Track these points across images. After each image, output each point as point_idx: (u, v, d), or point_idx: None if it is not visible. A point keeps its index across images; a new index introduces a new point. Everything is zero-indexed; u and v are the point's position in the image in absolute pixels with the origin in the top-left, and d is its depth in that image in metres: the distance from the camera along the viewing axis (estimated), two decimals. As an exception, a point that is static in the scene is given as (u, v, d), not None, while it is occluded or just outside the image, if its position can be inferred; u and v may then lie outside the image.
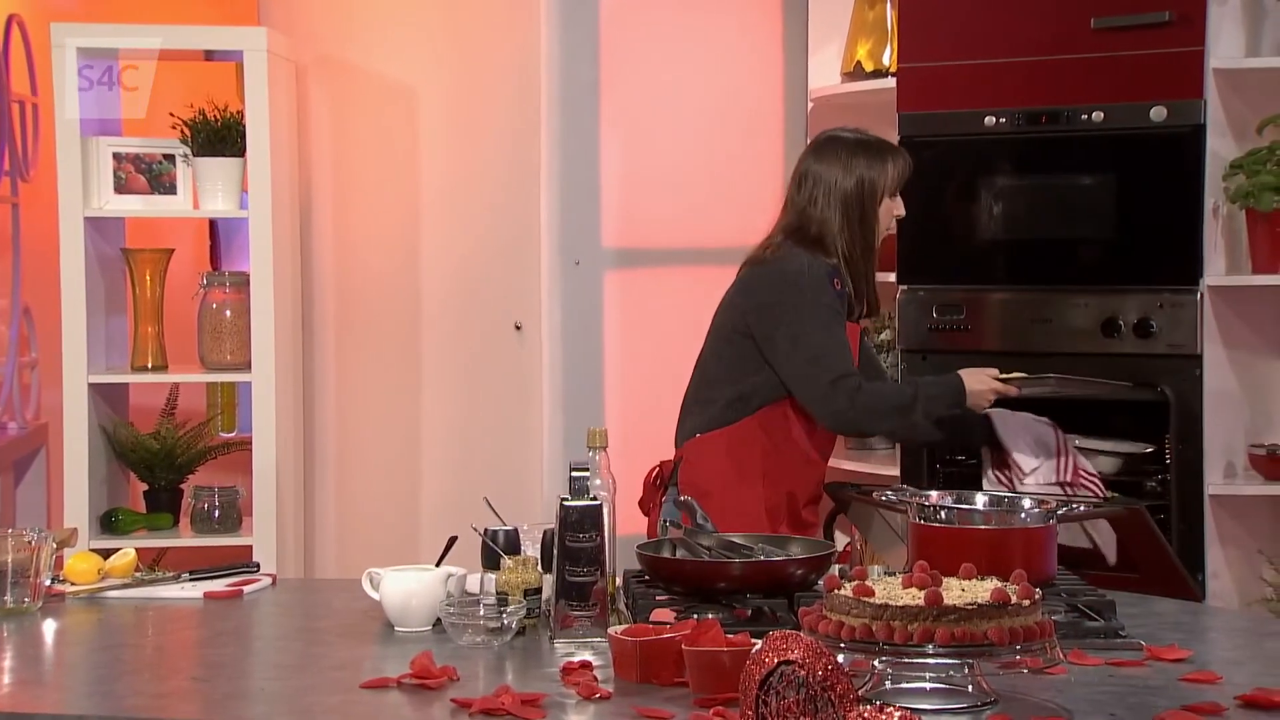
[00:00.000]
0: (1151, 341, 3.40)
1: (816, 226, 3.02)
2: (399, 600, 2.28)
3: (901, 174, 3.06)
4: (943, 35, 3.63)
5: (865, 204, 3.03)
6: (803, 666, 1.66)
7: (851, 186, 3.02)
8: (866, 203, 3.03)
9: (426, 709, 1.89)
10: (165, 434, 3.83)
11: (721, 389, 3.03)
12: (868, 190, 3.02)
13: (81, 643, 2.31)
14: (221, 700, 1.98)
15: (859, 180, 3.03)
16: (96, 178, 3.71)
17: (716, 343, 3.08)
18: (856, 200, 3.02)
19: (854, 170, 3.03)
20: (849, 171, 3.03)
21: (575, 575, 2.19)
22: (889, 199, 3.05)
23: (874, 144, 3.08)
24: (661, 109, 4.01)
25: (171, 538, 3.79)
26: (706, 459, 3.00)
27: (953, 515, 2.40)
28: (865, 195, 3.03)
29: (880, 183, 3.03)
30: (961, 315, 3.62)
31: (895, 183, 3.05)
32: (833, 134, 3.10)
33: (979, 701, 1.85)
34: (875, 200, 3.03)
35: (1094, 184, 3.52)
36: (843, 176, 3.03)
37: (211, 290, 3.76)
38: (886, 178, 3.03)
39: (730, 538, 2.50)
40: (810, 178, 3.05)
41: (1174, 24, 3.33)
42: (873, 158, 3.05)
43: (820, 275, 2.97)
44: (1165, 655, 2.08)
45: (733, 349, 3.03)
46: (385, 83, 4.02)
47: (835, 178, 3.03)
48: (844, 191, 3.02)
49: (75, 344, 3.66)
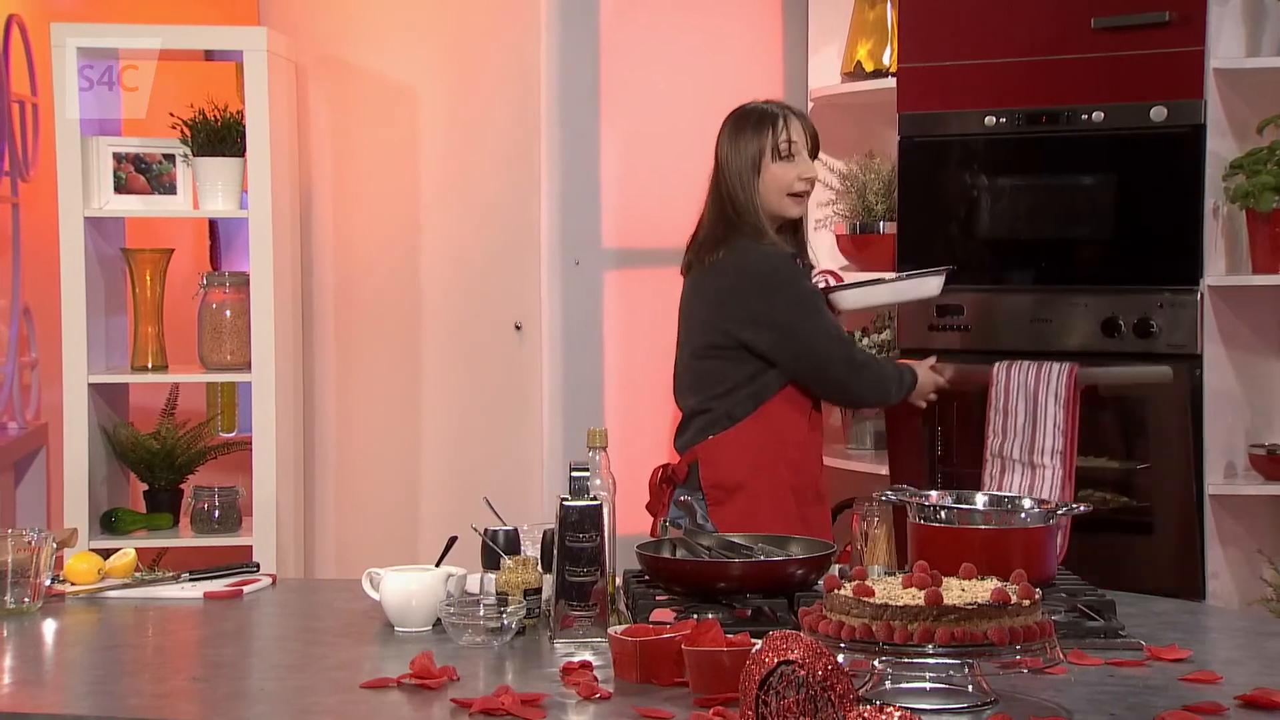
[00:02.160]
0: (1152, 341, 3.40)
1: (738, 213, 3.04)
2: (399, 600, 2.28)
3: (790, 136, 3.05)
4: (943, 35, 3.63)
5: (750, 175, 3.04)
6: (803, 666, 1.66)
7: (743, 162, 3.04)
8: (751, 173, 3.04)
9: (426, 709, 1.89)
10: (165, 434, 3.83)
11: (722, 395, 3.04)
12: (754, 161, 3.04)
13: (81, 643, 2.31)
14: (221, 700, 1.98)
15: (741, 153, 3.04)
16: (96, 178, 3.71)
17: (703, 349, 3.08)
18: (752, 173, 3.04)
19: (739, 144, 3.06)
20: (736, 148, 3.06)
21: (575, 575, 2.19)
22: (777, 163, 3.04)
23: (756, 112, 3.09)
24: (662, 109, 4.01)
25: (171, 538, 3.79)
26: (727, 455, 3.02)
27: (953, 515, 2.40)
28: (748, 167, 3.04)
29: (763, 147, 3.03)
30: (962, 315, 3.62)
31: (784, 146, 3.05)
32: (731, 114, 3.12)
33: (979, 701, 1.85)
34: (756, 170, 3.03)
35: (1094, 184, 3.52)
36: (734, 155, 3.06)
37: (211, 290, 3.76)
38: (766, 142, 3.03)
39: (730, 538, 2.50)
40: (718, 165, 3.09)
41: (1174, 24, 3.33)
42: (756, 126, 3.06)
43: (786, 263, 3.02)
44: (1165, 655, 2.08)
45: (724, 357, 3.04)
46: (385, 83, 4.02)
47: (729, 157, 3.06)
48: (738, 169, 3.05)
49: (75, 344, 3.66)
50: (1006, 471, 3.37)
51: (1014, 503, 2.58)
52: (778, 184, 3.05)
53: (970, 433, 3.69)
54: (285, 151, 3.86)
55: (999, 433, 3.39)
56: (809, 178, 3.08)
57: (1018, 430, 3.37)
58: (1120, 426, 3.50)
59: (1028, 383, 3.35)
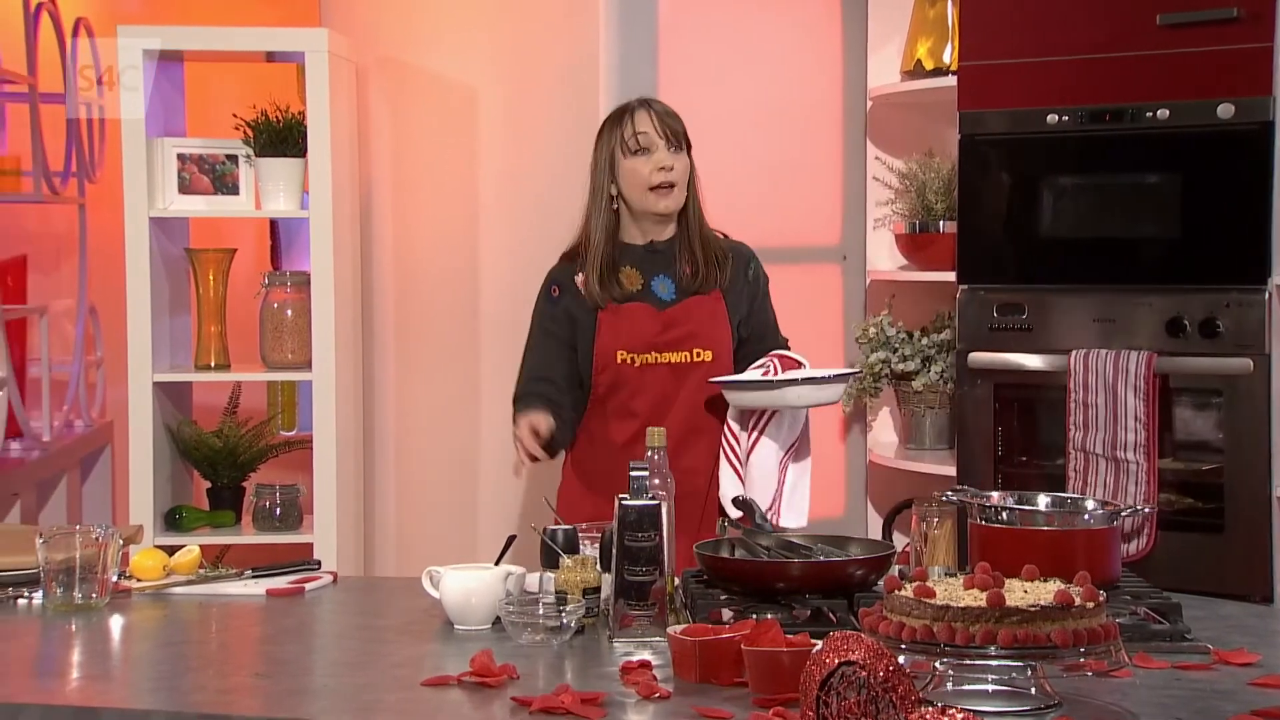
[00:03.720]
0: (1218, 342, 3.36)
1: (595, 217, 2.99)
2: (459, 599, 2.29)
3: (638, 128, 2.95)
4: (1004, 32, 3.60)
5: (604, 177, 2.97)
6: (864, 667, 1.66)
7: (602, 163, 2.98)
8: (605, 175, 2.96)
9: (487, 707, 1.90)
10: (228, 432, 3.87)
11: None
12: (609, 160, 2.97)
13: (147, 638, 2.34)
14: (284, 697, 1.99)
15: (600, 154, 2.98)
16: (161, 179, 3.75)
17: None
18: (601, 177, 2.97)
19: (599, 146, 2.99)
20: (597, 151, 2.99)
21: (634, 575, 2.20)
22: (628, 158, 2.95)
23: (613, 111, 3.02)
24: (720, 109, 4.00)
25: (234, 535, 3.83)
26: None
27: (1014, 516, 2.38)
28: (604, 169, 2.98)
29: (614, 144, 2.95)
30: (1023, 315, 3.59)
31: (632, 140, 2.95)
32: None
33: (1042, 704, 1.83)
34: (610, 170, 2.96)
35: (1159, 182, 3.48)
36: (595, 159, 2.99)
37: (273, 290, 3.80)
38: (616, 139, 2.95)
39: (789, 538, 2.49)
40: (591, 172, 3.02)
41: (1241, 20, 3.29)
42: (610, 125, 2.99)
43: (544, 285, 3.04)
44: (1233, 659, 2.05)
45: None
46: (445, 83, 4.03)
47: (593, 162, 3.00)
48: (598, 170, 2.98)
49: (140, 343, 3.71)
50: (1091, 467, 3.34)
51: (1077, 504, 2.56)
52: (635, 179, 2.95)
53: (1031, 432, 3.67)
54: (346, 152, 3.89)
55: (1079, 426, 3.36)
56: (664, 167, 2.94)
57: (1099, 424, 3.34)
58: (1190, 425, 3.46)
59: (1105, 373, 3.32)
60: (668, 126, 2.98)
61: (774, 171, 4.07)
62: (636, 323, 2.97)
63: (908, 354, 3.99)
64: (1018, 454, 3.65)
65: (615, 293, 2.97)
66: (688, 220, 3.03)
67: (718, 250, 3.04)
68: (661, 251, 3.02)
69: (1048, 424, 3.60)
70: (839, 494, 4.22)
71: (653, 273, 3.00)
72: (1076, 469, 3.40)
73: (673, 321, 2.99)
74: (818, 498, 4.18)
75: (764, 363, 2.99)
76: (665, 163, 2.95)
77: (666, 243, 3.03)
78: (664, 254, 3.02)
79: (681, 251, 3.02)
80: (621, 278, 2.98)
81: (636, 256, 3.01)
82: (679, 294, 3.00)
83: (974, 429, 3.65)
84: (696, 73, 3.96)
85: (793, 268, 4.14)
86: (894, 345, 4.01)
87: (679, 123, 3.01)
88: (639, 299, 2.98)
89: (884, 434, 4.24)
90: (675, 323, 2.99)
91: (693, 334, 2.99)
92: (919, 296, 4.12)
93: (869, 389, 4.07)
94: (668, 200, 2.97)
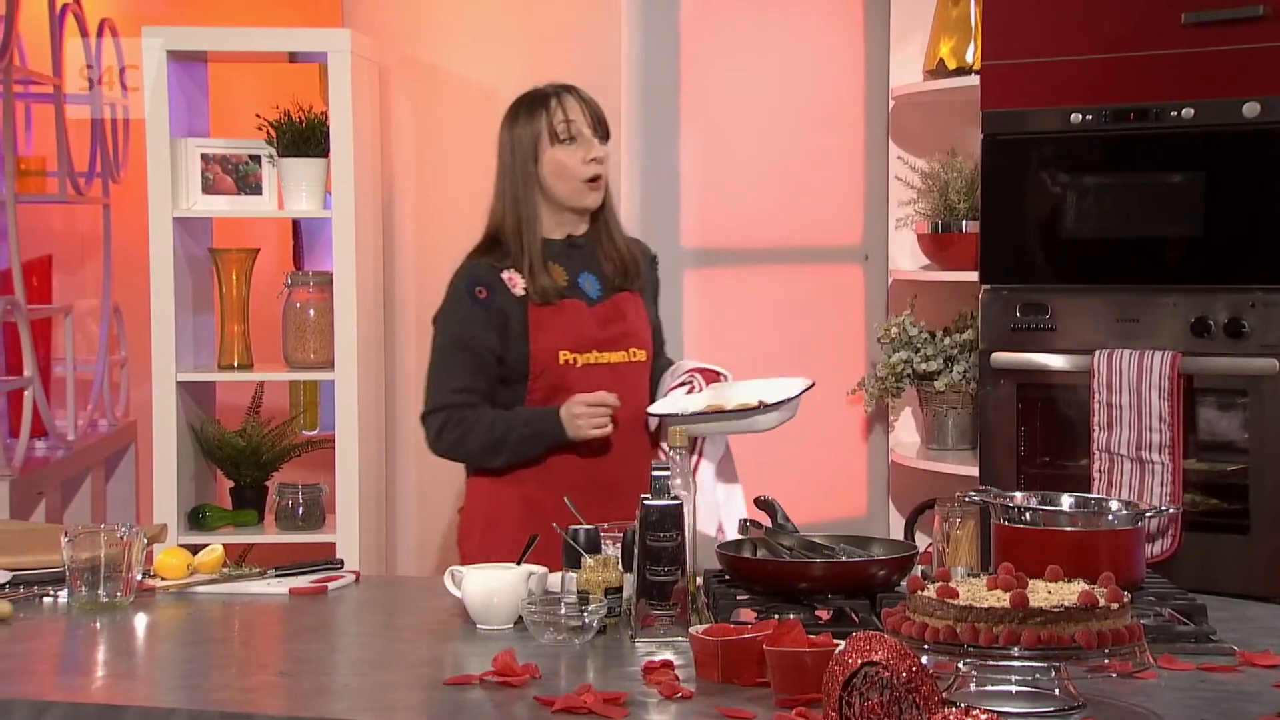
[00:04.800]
0: (1243, 342, 3.34)
1: (493, 221, 2.80)
2: (481, 598, 2.29)
3: (567, 115, 2.78)
4: (1028, 31, 3.59)
5: (527, 165, 2.77)
6: (887, 668, 1.65)
7: (523, 152, 2.78)
8: (529, 163, 2.77)
9: (509, 706, 1.90)
10: (251, 431, 3.88)
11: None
12: (532, 149, 2.78)
13: (171, 637, 2.35)
14: (307, 695, 2.00)
15: (519, 143, 2.78)
16: (185, 179, 3.76)
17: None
18: (522, 165, 2.78)
19: (515, 134, 2.79)
20: (513, 139, 2.79)
21: (656, 574, 2.19)
22: (556, 146, 2.77)
23: (529, 95, 2.82)
24: (742, 108, 4.00)
25: (257, 534, 3.84)
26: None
27: (1038, 517, 2.37)
28: (526, 156, 2.78)
29: (539, 131, 2.76)
30: (1046, 315, 3.58)
31: (561, 127, 2.77)
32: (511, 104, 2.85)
33: (1066, 705, 1.82)
34: (534, 158, 2.77)
35: (1183, 182, 3.46)
36: (511, 147, 2.79)
37: (295, 289, 3.81)
38: (542, 126, 2.76)
39: (811, 538, 2.48)
40: (499, 162, 2.82)
41: (1267, 19, 3.27)
42: (530, 111, 2.79)
43: (458, 287, 2.78)
44: (1259, 661, 2.04)
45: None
46: (467, 83, 4.04)
47: (506, 150, 2.80)
48: (518, 160, 2.78)
49: (164, 343, 3.72)
50: (1115, 467, 3.32)
51: (1101, 504, 2.55)
52: (563, 171, 2.77)
53: (1054, 432, 3.65)
54: (368, 152, 3.90)
55: (1104, 426, 3.35)
56: (596, 158, 2.78)
57: (1123, 425, 3.33)
58: (1214, 426, 3.44)
59: (1130, 374, 3.30)
60: (596, 115, 2.82)
61: (796, 171, 4.06)
62: (575, 320, 2.78)
63: (930, 354, 3.98)
64: (1040, 454, 3.63)
65: (550, 288, 2.78)
66: (605, 215, 2.86)
67: (635, 247, 2.91)
68: (582, 247, 2.85)
69: (1071, 425, 3.58)
70: (861, 494, 4.21)
71: (577, 269, 2.83)
72: (1101, 469, 3.39)
73: (607, 319, 2.82)
74: (840, 497, 4.20)
75: (686, 378, 2.85)
76: (598, 154, 2.79)
77: (584, 238, 2.85)
78: (585, 250, 2.85)
79: (602, 248, 2.85)
80: (551, 273, 2.80)
81: (558, 252, 2.83)
82: (604, 291, 2.83)
83: (997, 429, 3.64)
84: (718, 73, 3.95)
85: (814, 268, 4.14)
86: (916, 345, 4.00)
87: (602, 112, 2.84)
88: (569, 295, 2.80)
89: (906, 434, 4.23)
90: (610, 320, 2.82)
91: (627, 332, 2.82)
92: (941, 296, 4.11)
93: (891, 389, 4.06)
94: (596, 194, 2.80)
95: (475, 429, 2.76)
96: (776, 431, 4.17)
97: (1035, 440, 3.63)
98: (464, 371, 2.76)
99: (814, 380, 2.82)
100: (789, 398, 2.76)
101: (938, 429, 4.05)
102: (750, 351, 3.99)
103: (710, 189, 3.97)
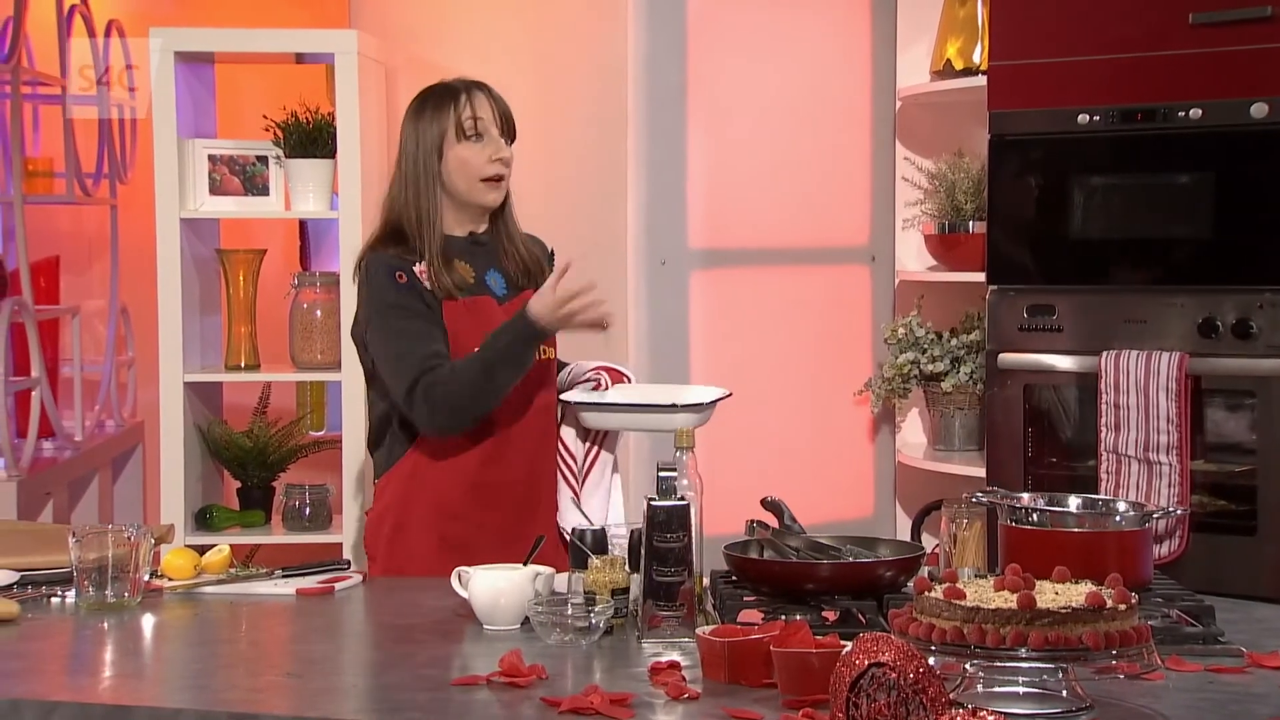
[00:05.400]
0: (1251, 343, 3.33)
1: (393, 212, 2.74)
2: (487, 599, 2.29)
3: (476, 112, 2.74)
4: (1035, 32, 3.58)
5: (431, 159, 2.73)
6: (894, 669, 1.65)
7: (427, 146, 2.73)
8: (432, 158, 2.73)
9: (516, 707, 1.90)
10: (257, 432, 3.89)
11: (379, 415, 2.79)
12: (437, 144, 2.73)
13: (179, 637, 2.35)
14: (314, 696, 2.00)
15: (424, 137, 2.73)
16: (192, 179, 3.77)
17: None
18: (426, 159, 2.73)
19: (420, 127, 2.74)
20: (417, 132, 2.73)
21: (663, 575, 2.19)
22: (462, 143, 2.73)
23: (437, 90, 2.76)
24: (748, 108, 4.00)
25: (264, 535, 3.84)
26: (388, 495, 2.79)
27: (1045, 518, 2.37)
28: (430, 151, 2.73)
29: (445, 127, 2.72)
30: (1053, 316, 3.58)
31: (469, 123, 2.73)
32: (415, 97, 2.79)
33: (1073, 707, 1.82)
34: (438, 153, 2.72)
35: (1191, 182, 3.46)
36: (415, 140, 2.74)
37: (302, 290, 3.81)
38: (449, 121, 2.72)
39: (818, 539, 2.48)
40: (399, 154, 2.76)
41: (1275, 19, 3.26)
42: (437, 105, 2.74)
43: (379, 274, 2.69)
44: (1267, 662, 2.04)
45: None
46: (473, 84, 4.04)
47: (409, 143, 2.74)
48: (421, 154, 2.73)
49: (171, 343, 3.73)
50: (1122, 468, 3.32)
51: (1108, 505, 2.54)
52: (466, 168, 2.73)
53: (1061, 433, 3.65)
54: (375, 153, 3.90)
55: (1111, 427, 3.35)
56: (501, 158, 2.75)
57: (1130, 426, 3.32)
58: (1222, 427, 3.44)
59: (1137, 375, 3.30)
60: (505, 115, 2.78)
61: (802, 172, 4.06)
62: (489, 318, 2.73)
63: (937, 355, 3.97)
64: (1048, 455, 3.63)
65: (460, 285, 2.73)
66: (505, 215, 2.83)
67: (534, 246, 2.89)
68: (485, 245, 2.81)
69: (1078, 425, 3.58)
70: (868, 495, 4.21)
71: (484, 267, 2.79)
72: (1108, 470, 3.38)
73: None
74: (847, 498, 4.20)
75: (592, 375, 2.84)
76: (504, 154, 2.76)
77: (486, 235, 2.82)
78: (488, 247, 2.81)
79: (504, 247, 2.82)
80: (460, 270, 2.75)
81: (462, 249, 2.78)
82: (509, 290, 2.79)
83: (1004, 430, 3.64)
84: (725, 73, 3.95)
85: (821, 268, 4.13)
86: (923, 346, 3.99)
87: (510, 112, 2.81)
88: (478, 293, 2.76)
89: (913, 435, 4.23)
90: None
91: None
92: (948, 297, 4.10)
93: (898, 390, 4.06)
94: (497, 193, 2.77)
95: (458, 376, 2.66)
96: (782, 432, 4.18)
97: (1042, 441, 3.63)
98: (422, 338, 2.67)
99: (731, 391, 2.82)
100: (703, 402, 2.76)
101: (945, 430, 4.04)
102: (757, 352, 4.00)
103: (717, 190, 3.97)
